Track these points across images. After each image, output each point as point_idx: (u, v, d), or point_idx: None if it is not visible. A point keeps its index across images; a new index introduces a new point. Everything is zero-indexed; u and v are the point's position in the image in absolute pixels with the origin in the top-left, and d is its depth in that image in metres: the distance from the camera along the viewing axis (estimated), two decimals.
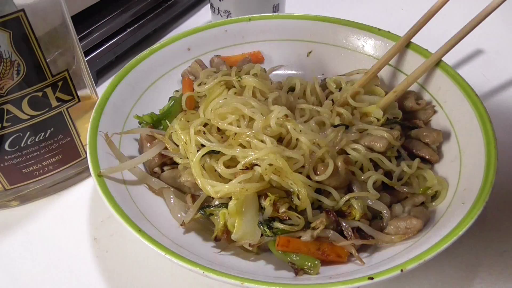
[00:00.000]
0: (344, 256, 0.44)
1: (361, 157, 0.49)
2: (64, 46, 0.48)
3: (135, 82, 0.58)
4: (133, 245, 0.50)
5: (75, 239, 0.51)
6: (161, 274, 0.47)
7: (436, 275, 0.46)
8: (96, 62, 0.69)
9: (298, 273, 0.42)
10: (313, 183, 0.46)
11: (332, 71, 0.65)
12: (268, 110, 0.50)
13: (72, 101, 0.50)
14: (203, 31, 0.65)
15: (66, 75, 0.48)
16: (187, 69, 0.63)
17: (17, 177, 0.51)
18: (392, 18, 0.82)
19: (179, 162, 0.50)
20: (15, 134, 0.47)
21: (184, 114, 0.53)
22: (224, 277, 0.37)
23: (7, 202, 0.53)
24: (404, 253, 0.41)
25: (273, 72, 0.66)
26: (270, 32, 0.66)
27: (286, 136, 0.49)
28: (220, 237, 0.45)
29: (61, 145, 0.52)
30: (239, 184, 0.44)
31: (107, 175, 0.47)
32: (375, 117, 0.54)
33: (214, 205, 0.47)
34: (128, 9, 0.73)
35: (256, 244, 0.44)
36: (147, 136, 0.53)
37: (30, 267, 0.48)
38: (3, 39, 0.41)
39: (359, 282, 0.37)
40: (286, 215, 0.44)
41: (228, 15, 0.73)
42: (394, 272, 0.37)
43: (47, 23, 0.45)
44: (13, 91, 0.45)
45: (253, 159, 0.45)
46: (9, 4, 0.40)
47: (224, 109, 0.50)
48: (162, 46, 0.62)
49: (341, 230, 0.45)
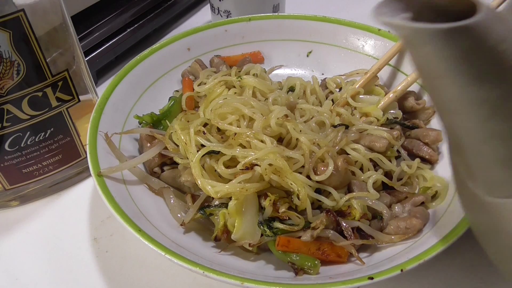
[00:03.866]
0: (344, 256, 0.44)
1: (361, 157, 0.49)
2: (64, 46, 0.48)
3: (135, 82, 0.58)
4: (133, 245, 0.50)
5: (75, 239, 0.51)
6: (161, 274, 0.47)
7: (436, 275, 0.46)
8: (96, 62, 0.69)
9: (298, 273, 0.42)
10: (313, 183, 0.46)
11: (332, 71, 0.65)
12: (268, 110, 0.50)
13: (72, 101, 0.50)
14: (203, 31, 0.65)
15: (66, 75, 0.48)
16: (187, 69, 0.63)
17: (17, 177, 0.51)
18: None
19: (179, 162, 0.50)
20: (15, 134, 0.47)
21: (184, 114, 0.53)
22: (224, 277, 0.37)
23: (7, 202, 0.53)
24: (404, 253, 0.41)
25: (273, 72, 0.66)
26: (270, 32, 0.66)
27: (286, 136, 0.49)
28: (220, 237, 0.45)
29: (61, 145, 0.52)
30: (239, 184, 0.44)
31: (107, 175, 0.47)
32: (375, 117, 0.54)
33: (214, 205, 0.47)
34: (128, 9, 0.73)
35: (256, 244, 0.44)
36: (147, 136, 0.53)
37: (30, 267, 0.48)
38: (3, 39, 0.41)
39: (359, 282, 0.37)
40: (286, 215, 0.44)
41: (228, 15, 0.73)
42: (394, 272, 0.37)
43: (47, 23, 0.45)
44: (13, 91, 0.45)
45: (253, 159, 0.45)
46: (9, 4, 0.40)
47: (224, 109, 0.50)
48: (162, 46, 0.62)
49: (341, 230, 0.45)
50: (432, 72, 0.23)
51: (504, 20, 0.22)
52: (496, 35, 0.21)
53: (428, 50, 0.22)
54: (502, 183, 0.26)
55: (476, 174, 0.28)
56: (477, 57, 0.22)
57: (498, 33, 0.21)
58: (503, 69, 0.22)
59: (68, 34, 0.48)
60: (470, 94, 0.23)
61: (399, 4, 0.24)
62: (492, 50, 0.21)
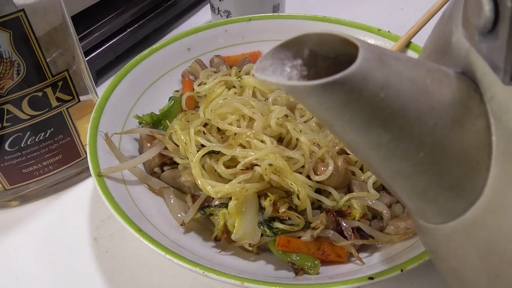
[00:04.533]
0: (344, 256, 0.44)
1: None
2: (64, 46, 0.48)
3: (135, 82, 0.58)
4: (133, 245, 0.50)
5: (75, 239, 0.51)
6: (161, 274, 0.47)
7: (436, 275, 0.46)
8: (96, 62, 0.69)
9: (298, 273, 0.42)
10: (313, 183, 0.46)
11: None
12: (268, 110, 0.50)
13: (72, 101, 0.50)
14: (203, 31, 0.65)
15: (66, 75, 0.48)
16: (187, 69, 0.63)
17: (17, 177, 0.51)
18: (392, 18, 0.82)
19: (179, 162, 0.50)
20: (15, 134, 0.47)
21: (184, 114, 0.53)
22: (224, 277, 0.37)
23: (7, 202, 0.53)
24: (404, 253, 0.41)
25: None
26: (270, 32, 0.66)
27: (286, 136, 0.49)
28: (220, 237, 0.45)
29: (61, 145, 0.52)
30: (239, 184, 0.44)
31: (107, 175, 0.47)
32: None
33: (214, 205, 0.47)
34: (128, 9, 0.73)
35: (256, 244, 0.44)
36: (147, 136, 0.53)
37: (30, 267, 0.48)
38: (3, 39, 0.41)
39: (359, 282, 0.37)
40: (286, 215, 0.44)
41: (228, 15, 0.73)
42: (394, 272, 0.37)
43: (47, 23, 0.45)
44: (13, 91, 0.45)
45: (253, 159, 0.45)
46: (9, 4, 0.40)
47: (224, 109, 0.50)
48: (162, 46, 0.62)
49: (341, 230, 0.45)
50: (324, 120, 0.24)
51: (386, 64, 0.21)
52: (373, 83, 0.21)
53: (311, 101, 0.22)
54: (426, 213, 0.27)
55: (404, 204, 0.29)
56: (356, 107, 0.21)
57: (376, 81, 0.21)
58: (386, 116, 0.22)
59: (68, 34, 0.48)
60: (363, 139, 0.23)
61: (287, 53, 0.24)
62: (371, 99, 0.21)
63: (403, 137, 0.23)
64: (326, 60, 0.24)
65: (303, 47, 0.24)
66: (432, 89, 0.23)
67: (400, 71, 0.22)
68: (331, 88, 0.21)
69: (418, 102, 0.22)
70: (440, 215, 0.26)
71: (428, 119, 0.22)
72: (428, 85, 0.23)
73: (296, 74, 0.24)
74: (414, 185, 0.25)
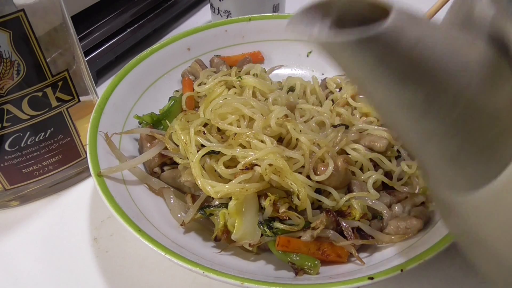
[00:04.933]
0: (344, 256, 0.44)
1: (361, 157, 0.49)
2: (64, 46, 0.48)
3: (135, 82, 0.58)
4: (133, 245, 0.50)
5: (75, 239, 0.51)
6: (161, 274, 0.47)
7: (436, 275, 0.46)
8: (96, 62, 0.69)
9: (298, 273, 0.42)
10: (313, 183, 0.46)
11: (332, 71, 0.65)
12: (268, 110, 0.50)
13: (72, 101, 0.50)
14: (203, 31, 0.65)
15: (66, 75, 0.48)
16: (187, 69, 0.63)
17: (17, 177, 0.51)
18: None
19: (179, 162, 0.50)
20: (15, 134, 0.47)
21: (184, 114, 0.53)
22: (224, 277, 0.37)
23: (7, 202, 0.53)
24: (404, 253, 0.41)
25: (273, 72, 0.66)
26: (270, 32, 0.66)
27: (286, 136, 0.49)
28: (220, 237, 0.45)
29: (61, 145, 0.52)
30: (239, 184, 0.44)
31: (107, 175, 0.47)
32: (375, 117, 0.54)
33: (214, 205, 0.47)
34: (128, 9, 0.73)
35: (256, 244, 0.44)
36: (147, 136, 0.53)
37: (30, 267, 0.48)
38: (3, 39, 0.41)
39: (359, 282, 0.37)
40: (286, 215, 0.44)
41: (228, 15, 0.73)
42: (394, 272, 0.37)
43: (47, 23, 0.45)
44: (13, 91, 0.45)
45: (253, 159, 0.45)
46: (9, 4, 0.40)
47: (224, 109, 0.50)
48: (162, 46, 0.62)
49: (341, 230, 0.45)
50: (356, 77, 0.24)
51: (418, 23, 0.22)
52: (408, 38, 0.21)
53: (345, 57, 0.22)
54: (455, 179, 0.26)
55: (431, 174, 0.28)
56: (391, 63, 0.22)
57: (410, 36, 0.21)
58: (421, 71, 0.22)
59: (68, 34, 0.48)
60: (396, 97, 0.23)
61: (317, 12, 0.24)
62: (406, 56, 0.21)
63: (438, 94, 0.22)
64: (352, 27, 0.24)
65: (329, 11, 0.24)
66: (465, 49, 0.23)
67: (433, 30, 0.22)
68: (367, 42, 0.21)
69: (452, 59, 0.22)
70: (470, 181, 0.25)
71: (462, 76, 0.22)
72: (461, 45, 0.22)
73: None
74: (446, 148, 0.24)
